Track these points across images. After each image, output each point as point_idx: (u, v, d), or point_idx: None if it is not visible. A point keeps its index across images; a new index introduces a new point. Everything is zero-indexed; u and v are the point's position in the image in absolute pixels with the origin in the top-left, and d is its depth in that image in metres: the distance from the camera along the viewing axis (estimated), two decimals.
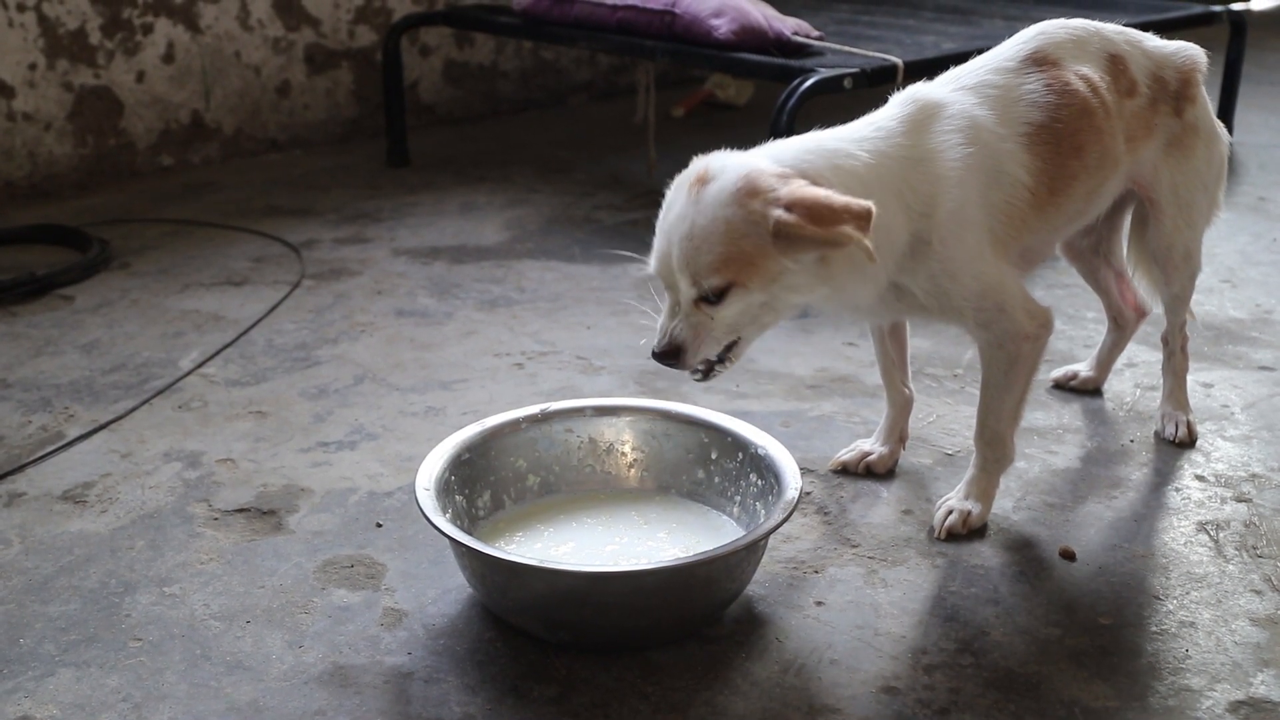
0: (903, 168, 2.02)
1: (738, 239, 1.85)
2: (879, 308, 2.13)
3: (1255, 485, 2.38)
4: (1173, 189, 2.38)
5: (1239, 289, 3.38)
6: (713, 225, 1.85)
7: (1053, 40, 2.21)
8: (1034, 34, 2.23)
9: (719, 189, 1.87)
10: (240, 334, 3.04)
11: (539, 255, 3.62)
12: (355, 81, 4.83)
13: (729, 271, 1.86)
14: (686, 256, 1.87)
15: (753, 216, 1.84)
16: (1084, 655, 1.90)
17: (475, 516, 2.14)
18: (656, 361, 1.99)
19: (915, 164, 2.02)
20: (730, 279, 1.86)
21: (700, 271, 1.87)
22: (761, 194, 1.85)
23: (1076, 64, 2.19)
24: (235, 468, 2.43)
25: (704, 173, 1.90)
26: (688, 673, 1.86)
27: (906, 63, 3.46)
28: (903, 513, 2.29)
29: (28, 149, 4.10)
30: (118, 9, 4.19)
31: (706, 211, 1.86)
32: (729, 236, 1.85)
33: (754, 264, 1.86)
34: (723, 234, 1.85)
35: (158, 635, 1.94)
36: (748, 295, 1.89)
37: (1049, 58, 2.18)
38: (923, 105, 2.08)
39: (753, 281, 1.87)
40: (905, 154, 2.03)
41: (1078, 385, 2.76)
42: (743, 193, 1.85)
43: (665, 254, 1.91)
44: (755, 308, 1.92)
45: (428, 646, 1.91)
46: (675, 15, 3.75)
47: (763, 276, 1.87)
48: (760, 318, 1.95)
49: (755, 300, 1.90)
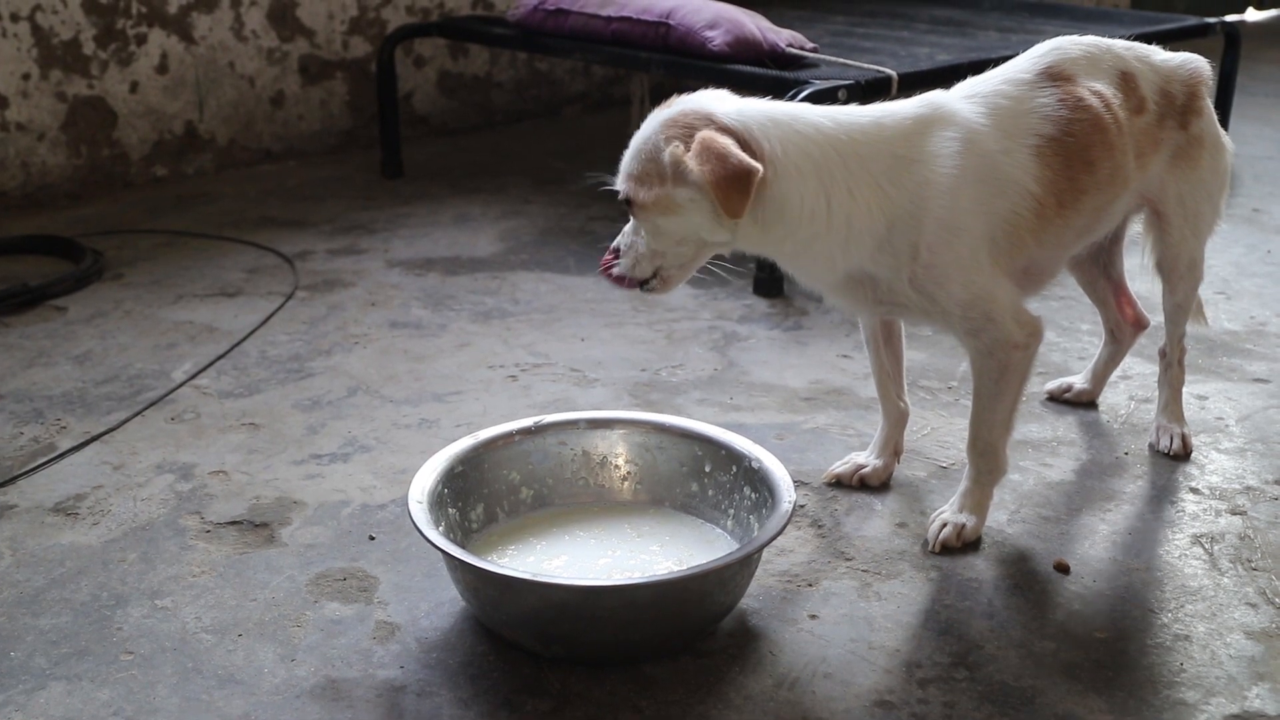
0: (892, 164, 2.04)
1: (647, 160, 2.01)
2: (856, 295, 2.14)
3: (1250, 498, 2.38)
4: (1179, 199, 2.39)
5: (1233, 301, 3.38)
6: (639, 142, 2.03)
7: (1067, 56, 2.23)
8: (1049, 49, 2.25)
9: (663, 113, 2.03)
10: (233, 345, 3.04)
11: (533, 267, 3.62)
12: (350, 92, 4.83)
13: (633, 186, 2.02)
14: (623, 164, 2.06)
15: (665, 144, 1.98)
16: (1078, 669, 1.90)
17: (468, 529, 2.14)
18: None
19: (908, 163, 2.04)
20: (632, 195, 2.02)
21: (621, 177, 2.05)
22: (681, 126, 1.99)
23: (1090, 80, 2.20)
24: (228, 480, 2.42)
25: (671, 100, 2.07)
26: (681, 687, 1.85)
27: (901, 75, 3.46)
28: (897, 526, 2.28)
29: (21, 159, 4.10)
30: (111, 19, 4.19)
31: (645, 129, 2.03)
32: (643, 155, 2.01)
33: (652, 188, 2.00)
34: (640, 151, 2.02)
35: (149, 648, 1.93)
36: (648, 218, 2.02)
37: (1064, 73, 2.20)
38: (933, 110, 2.10)
39: (650, 205, 2.01)
40: (899, 151, 2.05)
41: (1072, 398, 2.76)
42: (669, 122, 2.00)
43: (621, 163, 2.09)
44: (659, 232, 2.04)
45: (420, 660, 1.91)
46: (670, 27, 3.76)
47: (658, 203, 2.00)
48: (671, 246, 2.06)
49: (658, 224, 2.03)
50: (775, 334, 3.14)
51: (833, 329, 3.16)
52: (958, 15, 4.70)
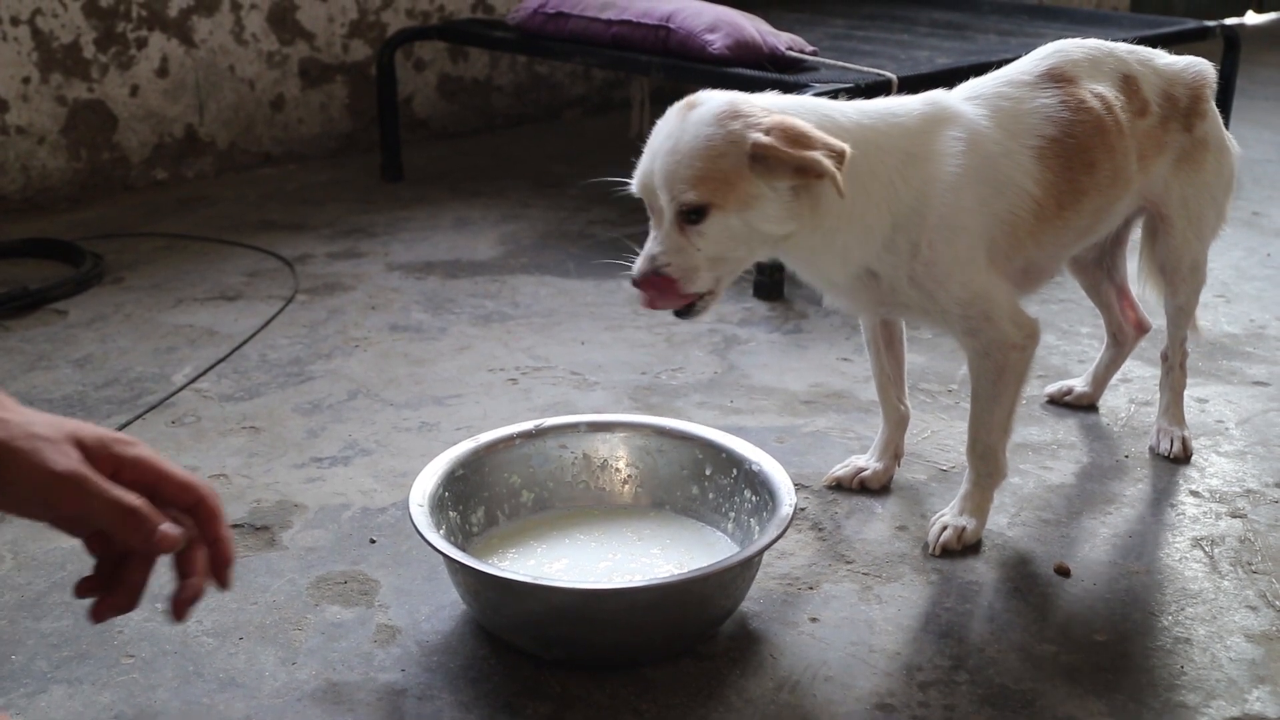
0: (904, 160, 2.04)
1: (716, 157, 1.89)
2: (860, 294, 2.14)
3: (1250, 501, 2.38)
4: (1183, 202, 2.39)
5: (1233, 304, 3.38)
6: (695, 142, 1.91)
7: (1069, 58, 2.23)
8: (1051, 51, 2.25)
9: (705, 110, 1.93)
10: (234, 349, 3.04)
11: (533, 270, 3.62)
12: (349, 96, 4.83)
13: (705, 189, 1.90)
14: (668, 170, 1.92)
15: (732, 136, 1.90)
16: (1079, 672, 1.90)
17: (469, 533, 2.14)
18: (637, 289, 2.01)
19: (914, 160, 2.04)
20: (707, 199, 1.90)
21: (679, 186, 1.91)
22: (743, 117, 1.92)
23: (1092, 82, 2.21)
24: (228, 483, 2.42)
25: (693, 100, 1.98)
26: (682, 690, 1.85)
27: (901, 78, 3.46)
28: (897, 529, 2.28)
29: (21, 163, 4.10)
30: (112, 23, 4.19)
31: (691, 130, 1.92)
32: (709, 154, 1.90)
33: (730, 184, 1.90)
34: (703, 151, 1.90)
35: (150, 652, 1.93)
36: (724, 218, 1.92)
37: (1066, 75, 2.20)
38: (939, 109, 2.10)
39: (728, 203, 1.91)
40: (907, 147, 2.04)
41: (1073, 400, 2.76)
42: (725, 114, 1.91)
43: (648, 169, 1.96)
44: (733, 233, 1.94)
45: (421, 663, 1.91)
46: (670, 30, 3.76)
47: (738, 199, 1.91)
48: (736, 249, 1.97)
49: (733, 224, 1.93)
50: (775, 337, 3.14)
51: (833, 332, 3.16)
52: (957, 18, 4.70)
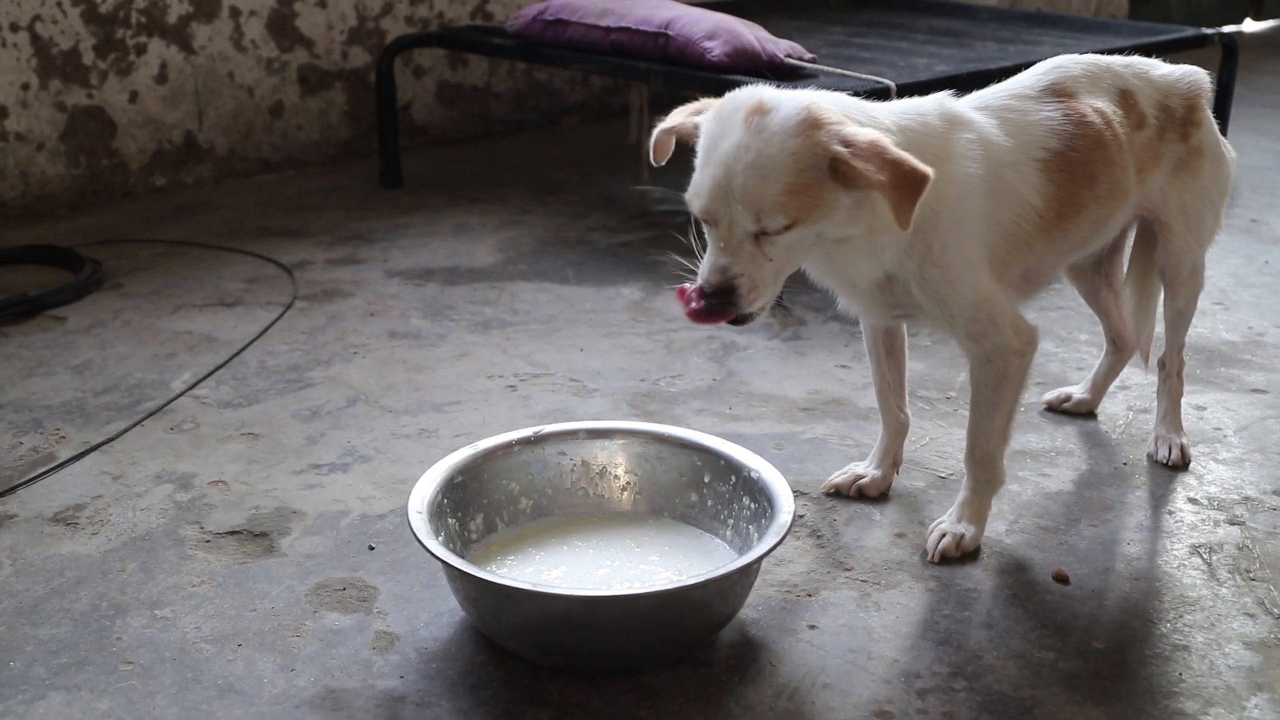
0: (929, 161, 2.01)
1: (803, 170, 1.84)
2: (876, 297, 2.14)
3: (1248, 508, 2.38)
4: (1181, 208, 2.41)
5: (1231, 311, 3.39)
6: (780, 156, 1.84)
7: (1069, 74, 2.26)
8: (1051, 67, 2.28)
9: (784, 119, 1.86)
10: (232, 355, 3.04)
11: (532, 277, 3.62)
12: (348, 102, 4.84)
13: (794, 207, 1.85)
14: (751, 188, 1.84)
15: (816, 149, 1.84)
16: (1077, 679, 1.90)
17: (468, 540, 2.14)
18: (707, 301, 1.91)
19: (938, 161, 2.00)
20: (795, 215, 1.85)
21: (766, 203, 1.84)
22: (825, 126, 1.85)
23: (1091, 98, 2.24)
24: (227, 490, 2.42)
25: (760, 104, 1.89)
26: (681, 697, 1.85)
27: (899, 85, 3.47)
28: (896, 536, 2.28)
29: (20, 169, 4.10)
30: (111, 29, 4.19)
31: (774, 141, 1.84)
32: (795, 168, 1.84)
33: (814, 197, 1.86)
34: (790, 166, 1.83)
35: (149, 658, 1.93)
36: (803, 230, 1.88)
37: (1066, 90, 2.23)
38: (951, 115, 2.11)
39: (810, 215, 1.87)
40: (932, 148, 2.02)
41: (1071, 408, 2.76)
42: (807, 124, 1.85)
43: (722, 184, 1.87)
44: (805, 243, 1.92)
45: (420, 670, 1.91)
46: (669, 37, 3.76)
47: (819, 210, 1.88)
48: (802, 256, 1.96)
49: (807, 235, 1.90)
50: (774, 344, 3.14)
51: (831, 339, 3.16)
52: (956, 26, 4.71)
